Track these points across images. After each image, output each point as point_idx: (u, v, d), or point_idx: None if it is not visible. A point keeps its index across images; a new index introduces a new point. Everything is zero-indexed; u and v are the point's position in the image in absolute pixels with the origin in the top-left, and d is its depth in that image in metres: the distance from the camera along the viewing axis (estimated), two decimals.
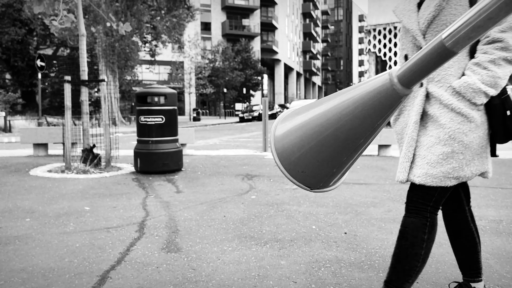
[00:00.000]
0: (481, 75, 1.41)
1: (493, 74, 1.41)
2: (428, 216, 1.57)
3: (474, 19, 0.48)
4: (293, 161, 0.71)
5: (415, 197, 1.59)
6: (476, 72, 1.42)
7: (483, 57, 1.43)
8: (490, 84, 1.42)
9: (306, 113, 0.71)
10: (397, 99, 0.57)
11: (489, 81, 1.41)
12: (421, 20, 1.53)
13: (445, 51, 0.51)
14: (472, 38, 0.50)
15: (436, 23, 1.49)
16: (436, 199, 1.55)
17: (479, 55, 1.45)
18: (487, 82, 1.41)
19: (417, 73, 0.54)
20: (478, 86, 1.41)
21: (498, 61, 1.41)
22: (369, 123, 0.60)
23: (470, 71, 1.44)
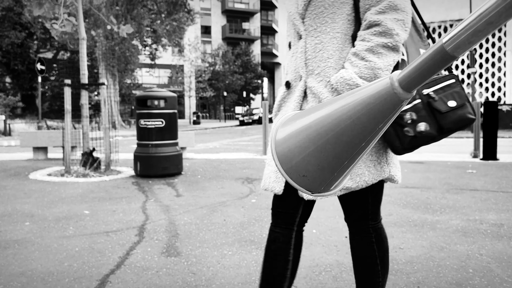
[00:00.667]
0: (359, 68, 1.19)
1: (372, 65, 1.18)
2: (295, 230, 1.40)
3: (475, 24, 0.47)
4: (294, 165, 0.70)
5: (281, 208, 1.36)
6: (354, 64, 1.20)
7: (360, 45, 1.21)
8: (369, 78, 1.19)
9: (306, 117, 0.71)
10: (398, 103, 0.56)
11: (368, 74, 1.19)
12: (299, 1, 1.32)
13: (446, 55, 0.51)
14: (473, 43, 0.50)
15: (314, 4, 1.27)
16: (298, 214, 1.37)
17: (358, 42, 1.23)
18: (365, 75, 1.19)
19: (418, 78, 0.54)
20: (355, 82, 1.18)
21: (377, 48, 1.19)
22: (370, 127, 0.59)
23: (349, 63, 1.22)
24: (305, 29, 1.30)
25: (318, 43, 1.27)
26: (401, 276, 2.23)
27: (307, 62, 1.29)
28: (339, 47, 1.26)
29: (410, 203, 3.99)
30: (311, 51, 1.28)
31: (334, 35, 1.26)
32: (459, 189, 4.68)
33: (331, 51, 1.25)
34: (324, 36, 1.27)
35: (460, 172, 6.04)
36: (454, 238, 2.87)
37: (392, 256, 2.53)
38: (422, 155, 8.78)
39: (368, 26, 1.21)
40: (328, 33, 1.26)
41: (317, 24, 1.27)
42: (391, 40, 1.19)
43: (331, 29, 1.26)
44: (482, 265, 2.37)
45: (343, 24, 1.26)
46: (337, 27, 1.26)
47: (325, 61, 1.26)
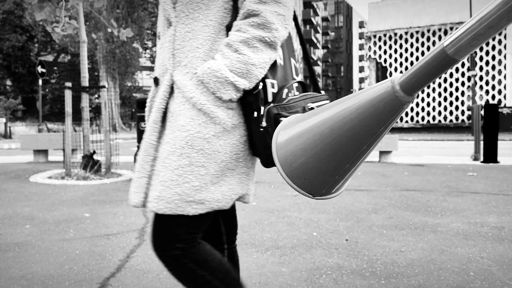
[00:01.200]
0: (230, 60, 1.04)
1: (245, 59, 1.04)
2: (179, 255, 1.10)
3: (475, 28, 0.48)
4: (295, 168, 0.70)
5: (158, 231, 1.10)
6: (226, 56, 1.05)
7: (235, 36, 1.06)
8: (241, 73, 1.04)
9: (308, 120, 0.71)
10: (400, 106, 0.56)
11: (240, 68, 1.04)
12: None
13: (447, 58, 0.51)
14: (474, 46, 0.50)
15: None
16: (180, 234, 1.07)
17: (232, 32, 1.08)
18: (236, 69, 1.04)
19: (419, 80, 0.54)
20: (225, 75, 1.03)
21: (253, 42, 1.05)
22: (371, 130, 0.59)
23: (220, 54, 1.07)
24: (176, 16, 1.12)
25: (189, 31, 1.10)
26: (401, 279, 2.22)
27: (175, 53, 1.12)
28: (211, 36, 1.10)
29: (410, 206, 3.99)
30: (180, 40, 1.11)
31: (207, 23, 1.10)
32: (459, 192, 4.68)
33: (202, 41, 1.09)
34: (196, 24, 1.10)
35: (461, 175, 6.04)
36: (455, 241, 2.87)
37: (392, 259, 2.53)
38: (422, 158, 8.78)
39: (246, 16, 1.07)
40: (201, 20, 1.10)
41: (189, 10, 1.11)
42: (270, 35, 1.05)
43: (204, 17, 1.10)
44: (483, 268, 2.37)
45: (218, 11, 1.11)
46: (211, 15, 1.10)
47: (193, 51, 1.09)
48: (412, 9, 28.58)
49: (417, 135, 23.09)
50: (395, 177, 5.86)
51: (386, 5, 29.89)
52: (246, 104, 1.07)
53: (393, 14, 29.19)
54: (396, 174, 6.11)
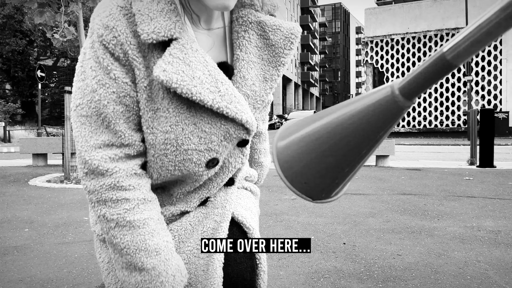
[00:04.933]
0: None
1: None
2: None
3: (474, 34, 0.50)
4: (295, 172, 0.72)
5: None
6: None
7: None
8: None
9: (308, 124, 0.73)
10: (399, 111, 0.59)
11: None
12: None
13: (446, 64, 0.53)
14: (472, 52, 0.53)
15: None
16: None
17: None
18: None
19: (419, 86, 0.57)
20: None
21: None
22: (370, 135, 0.62)
23: None
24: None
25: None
26: (399, 282, 2.24)
27: None
28: None
29: (407, 209, 4.01)
30: None
31: None
32: (456, 196, 4.70)
33: None
34: None
35: (457, 179, 6.07)
36: (452, 245, 2.89)
37: (390, 262, 2.55)
38: (419, 162, 8.81)
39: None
40: None
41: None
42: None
43: None
44: (480, 271, 2.39)
45: None
46: None
47: None
48: (408, 15, 28.76)
49: (413, 139, 23.16)
50: (392, 181, 5.89)
51: (383, 11, 30.08)
52: None
53: (390, 20, 29.37)
54: (393, 178, 6.14)
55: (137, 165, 0.80)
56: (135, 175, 0.79)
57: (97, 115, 0.76)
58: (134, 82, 0.77)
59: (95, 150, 0.76)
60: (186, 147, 0.80)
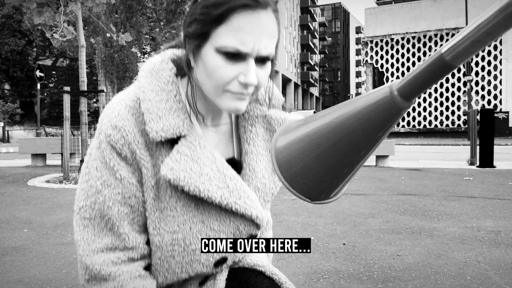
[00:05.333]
0: None
1: None
2: None
3: (473, 34, 0.49)
4: (294, 172, 0.71)
5: None
6: None
7: None
8: None
9: (307, 125, 0.72)
10: (398, 112, 0.58)
11: None
12: None
13: (445, 64, 0.53)
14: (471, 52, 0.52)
15: None
16: None
17: None
18: None
19: (417, 87, 0.56)
20: None
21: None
22: (370, 135, 0.61)
23: None
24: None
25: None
26: (398, 283, 2.23)
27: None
28: None
29: (407, 210, 4.00)
30: None
31: None
32: (456, 196, 4.70)
33: None
34: None
35: (457, 179, 6.07)
36: (452, 245, 2.88)
37: (389, 263, 2.54)
38: (419, 163, 8.81)
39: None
40: None
41: None
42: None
43: None
44: (480, 272, 2.38)
45: None
46: None
47: None
48: (408, 15, 28.77)
49: (413, 139, 23.15)
50: (392, 181, 5.88)
51: (382, 11, 30.09)
52: None
53: (390, 19, 29.38)
54: (393, 179, 6.13)
55: (141, 266, 0.78)
56: (139, 277, 0.76)
57: (100, 217, 0.74)
58: (141, 181, 0.76)
59: (97, 254, 0.74)
60: (194, 247, 0.78)
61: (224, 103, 0.72)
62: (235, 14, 0.67)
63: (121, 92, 0.81)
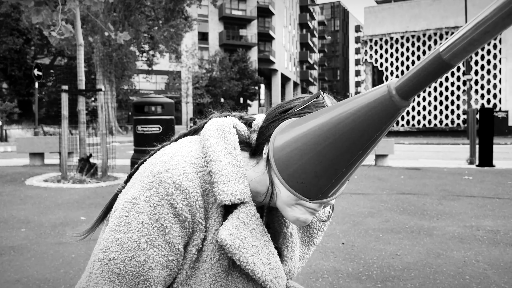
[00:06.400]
0: None
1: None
2: None
3: (471, 33, 0.48)
4: (292, 171, 0.71)
5: None
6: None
7: None
8: None
9: (304, 124, 0.71)
10: (396, 111, 0.57)
11: None
12: None
13: (442, 64, 0.52)
14: (469, 52, 0.51)
15: None
16: None
17: None
18: None
19: (415, 86, 0.55)
20: None
21: None
22: (367, 134, 0.60)
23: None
24: None
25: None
26: (398, 282, 2.23)
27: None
28: None
29: (406, 209, 4.00)
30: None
31: None
32: (455, 196, 4.69)
33: None
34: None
35: (457, 178, 6.06)
36: (451, 245, 2.88)
37: (389, 262, 2.54)
38: (418, 162, 8.81)
39: None
40: None
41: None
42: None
43: None
44: (479, 271, 2.38)
45: None
46: None
47: None
48: (408, 13, 28.76)
49: (413, 138, 23.16)
50: (391, 180, 5.88)
51: (382, 10, 30.06)
52: None
53: (389, 18, 29.36)
54: (392, 178, 6.13)
55: None
56: None
57: (133, 275, 0.68)
58: (186, 245, 0.72)
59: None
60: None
61: (291, 214, 0.71)
62: None
63: (179, 144, 0.78)
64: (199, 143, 0.76)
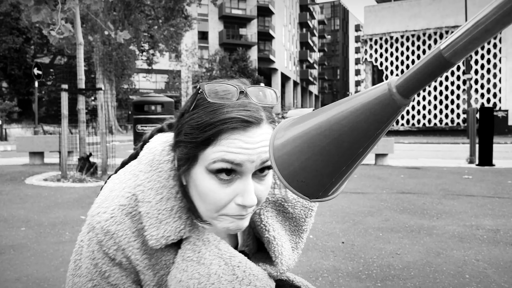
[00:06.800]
0: None
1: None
2: None
3: (471, 31, 0.48)
4: (292, 170, 0.70)
5: None
6: None
7: None
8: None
9: (305, 122, 0.71)
10: (396, 109, 0.57)
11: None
12: None
13: (443, 61, 0.51)
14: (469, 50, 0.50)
15: None
16: None
17: None
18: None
19: (416, 84, 0.55)
20: None
21: None
22: (368, 133, 0.60)
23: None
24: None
25: None
26: (397, 281, 2.23)
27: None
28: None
29: (406, 208, 4.00)
30: None
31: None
32: (455, 195, 4.69)
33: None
34: None
35: (456, 177, 6.06)
36: (451, 244, 2.88)
37: (388, 261, 2.54)
38: (418, 161, 8.81)
39: None
40: None
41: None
42: None
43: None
44: (479, 270, 2.38)
45: None
46: None
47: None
48: (408, 12, 28.75)
49: (413, 138, 23.17)
50: (391, 179, 5.88)
51: (382, 9, 30.06)
52: None
53: (389, 17, 29.35)
54: (392, 177, 6.13)
55: None
56: None
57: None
58: (139, 281, 0.72)
59: None
60: None
61: (221, 225, 0.68)
62: (224, 134, 0.62)
63: (114, 179, 0.74)
64: (133, 177, 0.72)
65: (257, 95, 0.68)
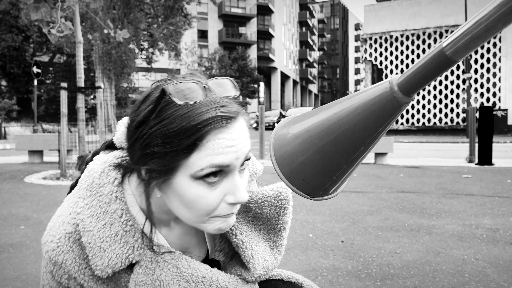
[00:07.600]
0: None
1: None
2: None
3: (472, 30, 0.48)
4: (293, 169, 0.70)
5: None
6: None
7: None
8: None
9: (305, 120, 0.71)
10: (398, 107, 0.56)
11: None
12: None
13: (445, 59, 0.51)
14: (471, 48, 0.51)
15: None
16: None
17: None
18: None
19: (417, 82, 0.55)
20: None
21: None
22: (369, 131, 0.59)
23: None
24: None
25: None
26: (397, 280, 2.23)
27: None
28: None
29: (406, 207, 4.00)
30: None
31: None
32: (454, 194, 4.70)
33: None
34: None
35: (456, 177, 6.07)
36: (450, 243, 2.88)
37: (388, 260, 2.54)
38: (417, 160, 8.81)
39: None
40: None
41: None
42: None
43: None
44: (478, 269, 2.38)
45: None
46: None
47: None
48: (407, 11, 28.73)
49: (412, 137, 23.17)
50: (391, 179, 5.88)
51: (382, 8, 30.03)
52: None
53: (389, 16, 29.33)
54: (391, 176, 6.13)
55: None
56: None
57: None
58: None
59: None
60: None
61: (211, 228, 0.65)
62: (208, 136, 0.59)
63: (65, 202, 0.71)
64: (74, 204, 0.69)
65: (218, 87, 0.65)
